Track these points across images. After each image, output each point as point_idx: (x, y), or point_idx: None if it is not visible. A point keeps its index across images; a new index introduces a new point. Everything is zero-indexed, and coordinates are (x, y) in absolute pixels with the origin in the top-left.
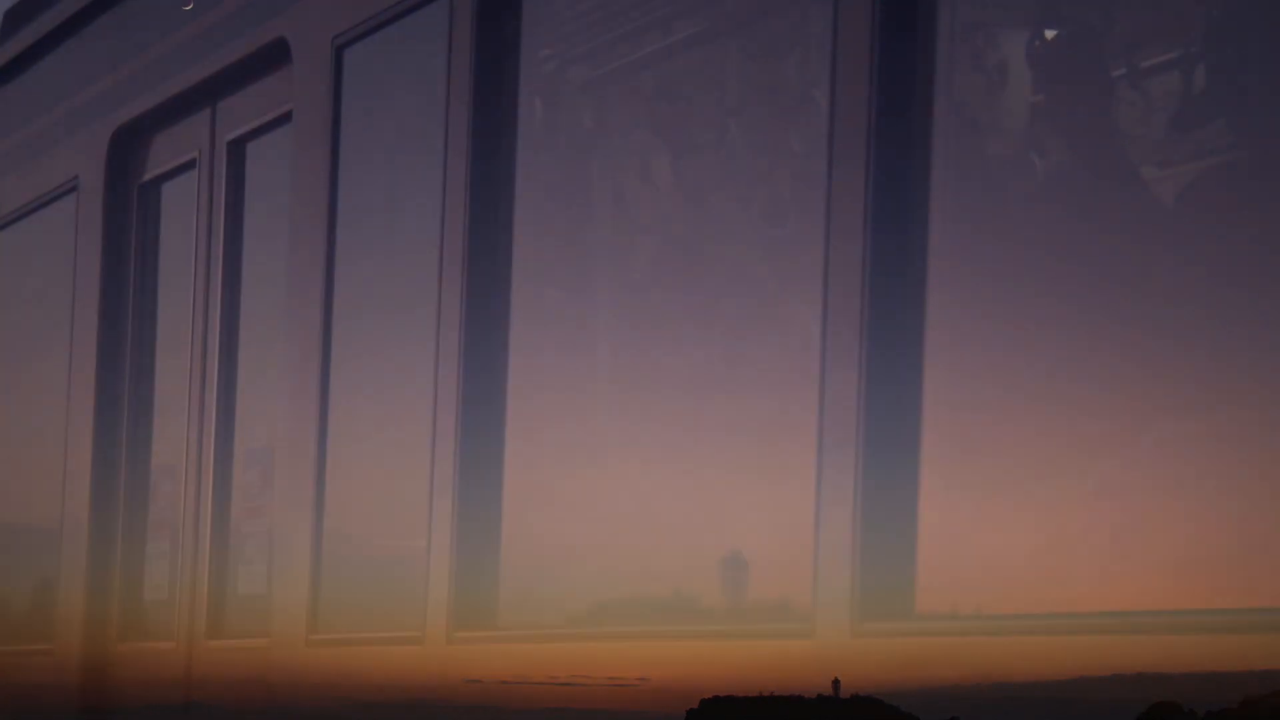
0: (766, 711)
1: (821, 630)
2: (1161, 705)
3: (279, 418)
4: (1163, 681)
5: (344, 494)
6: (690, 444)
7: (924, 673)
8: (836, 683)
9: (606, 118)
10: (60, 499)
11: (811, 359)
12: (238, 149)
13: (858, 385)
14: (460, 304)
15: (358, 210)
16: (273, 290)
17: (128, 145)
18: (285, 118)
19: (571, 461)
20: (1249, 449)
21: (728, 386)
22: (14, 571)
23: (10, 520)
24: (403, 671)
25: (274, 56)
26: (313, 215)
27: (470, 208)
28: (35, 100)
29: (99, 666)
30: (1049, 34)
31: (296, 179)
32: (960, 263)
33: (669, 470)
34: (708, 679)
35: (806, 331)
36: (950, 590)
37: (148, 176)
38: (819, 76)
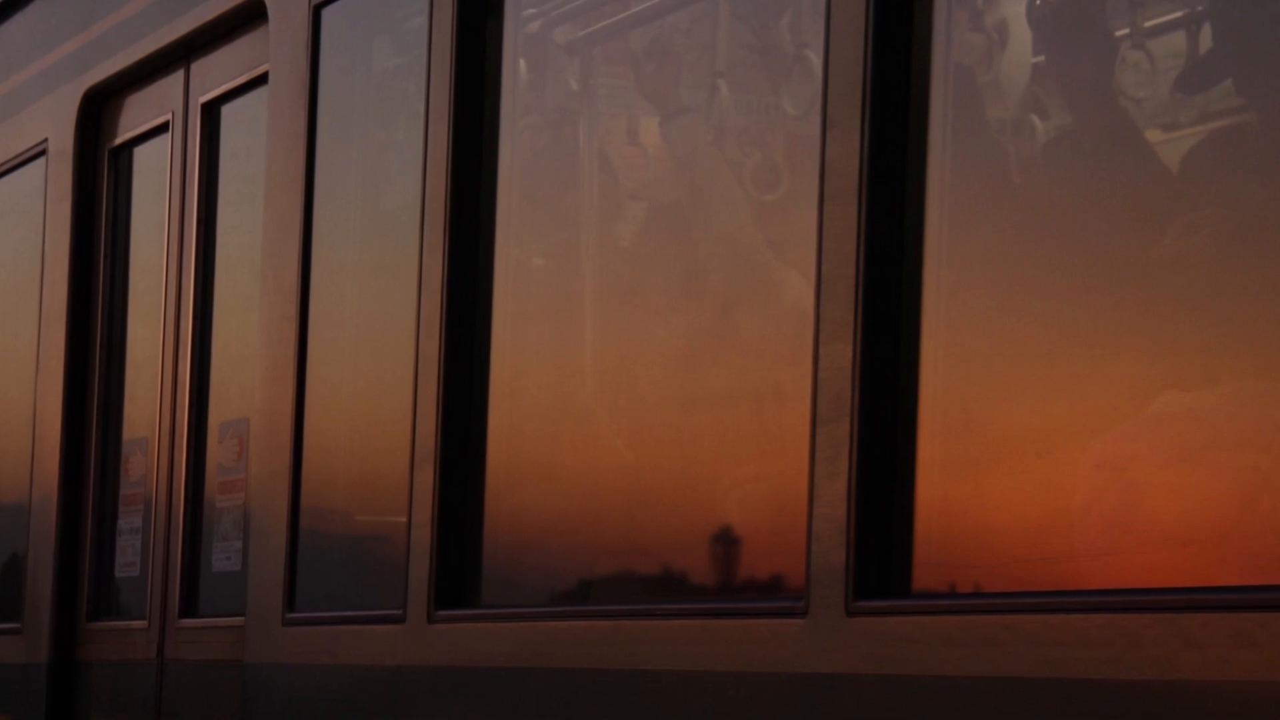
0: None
1: (815, 608)
2: None
3: (255, 388)
4: (1166, 661)
5: (322, 467)
6: (679, 416)
7: (920, 652)
8: None
9: (593, 79)
10: (28, 472)
11: (805, 328)
12: (212, 111)
13: (853, 356)
14: (442, 272)
15: (336, 175)
16: (248, 257)
17: (99, 107)
18: (261, 79)
19: (557, 434)
20: (1254, 421)
21: (718, 357)
22: None
23: None
24: (383, 651)
25: (250, 16)
26: (290, 180)
27: (452, 172)
28: (2, 61)
29: (68, 645)
30: None
31: (273, 142)
32: (958, 229)
33: (658, 443)
34: (698, 658)
35: (800, 300)
36: (948, 568)
37: (120, 140)
38: (812, 36)
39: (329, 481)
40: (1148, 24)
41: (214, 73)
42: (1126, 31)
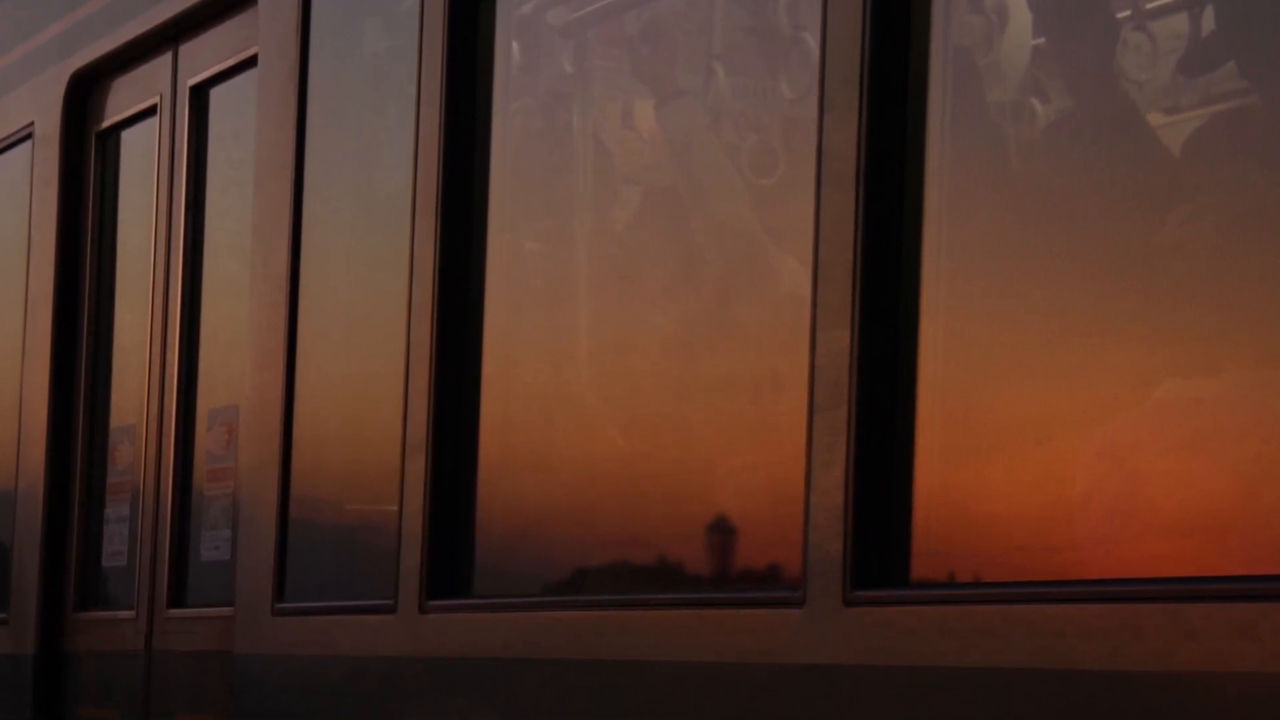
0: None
1: (812, 598)
2: None
3: (244, 376)
4: (1167, 652)
5: (312, 456)
6: (675, 404)
7: (918, 642)
8: None
9: (587, 62)
10: (14, 460)
11: (802, 315)
12: (201, 94)
13: (850, 343)
14: (434, 258)
15: (326, 159)
16: (237, 242)
17: (86, 90)
18: (251, 62)
19: (551, 422)
20: (1256, 410)
21: (714, 344)
22: None
23: None
24: (374, 641)
25: None
26: (280, 164)
27: (444, 157)
28: None
29: (55, 636)
30: None
31: (262, 126)
32: (957, 214)
33: (653, 431)
34: (693, 649)
35: (797, 286)
36: (946, 557)
37: (107, 123)
38: (810, 18)
39: (319, 470)
40: (1149, 5)
41: (202, 55)
42: (1128, 13)
